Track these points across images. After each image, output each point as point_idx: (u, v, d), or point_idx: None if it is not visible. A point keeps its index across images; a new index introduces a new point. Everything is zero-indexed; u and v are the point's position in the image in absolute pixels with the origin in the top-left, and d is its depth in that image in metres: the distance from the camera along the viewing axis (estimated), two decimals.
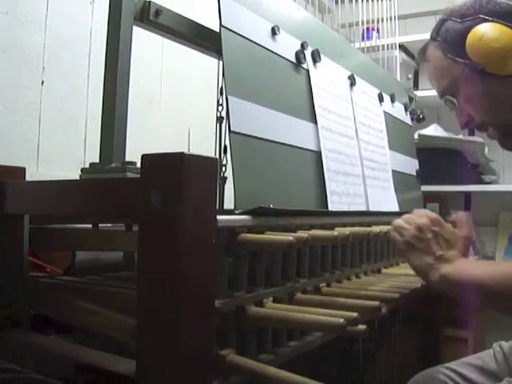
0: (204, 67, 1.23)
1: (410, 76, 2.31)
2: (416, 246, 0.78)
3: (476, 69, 0.81)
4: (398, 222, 0.81)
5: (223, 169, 0.85)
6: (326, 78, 1.06)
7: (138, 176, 0.54)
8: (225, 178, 0.86)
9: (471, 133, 2.31)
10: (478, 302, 0.81)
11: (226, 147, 0.82)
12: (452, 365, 1.00)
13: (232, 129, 0.75)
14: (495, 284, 0.71)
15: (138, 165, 0.54)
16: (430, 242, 0.78)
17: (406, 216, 0.82)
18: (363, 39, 1.76)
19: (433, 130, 2.07)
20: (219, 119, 0.91)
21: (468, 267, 0.76)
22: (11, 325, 0.71)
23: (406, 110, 1.54)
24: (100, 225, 0.79)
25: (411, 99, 1.69)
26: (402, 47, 2.16)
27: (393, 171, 1.30)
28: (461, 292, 0.76)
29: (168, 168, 0.52)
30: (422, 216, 0.81)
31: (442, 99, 0.90)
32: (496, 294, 0.71)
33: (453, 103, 0.88)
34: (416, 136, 1.91)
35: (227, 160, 0.80)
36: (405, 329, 1.18)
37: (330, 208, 0.94)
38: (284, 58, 0.93)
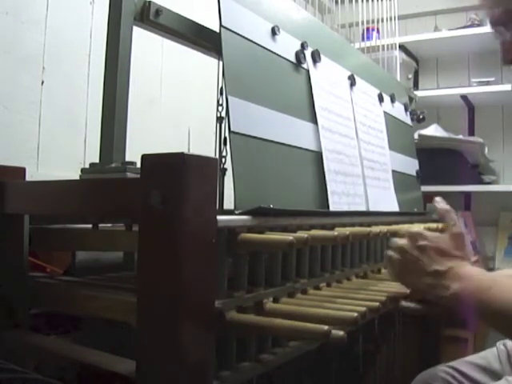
0: (204, 67, 1.23)
1: (410, 76, 2.31)
2: (408, 269, 0.73)
3: None
4: (387, 252, 0.77)
5: (223, 160, 0.85)
6: (326, 78, 1.06)
7: (138, 176, 0.54)
8: (224, 170, 0.86)
9: (471, 133, 2.31)
10: (492, 324, 0.74)
11: (226, 138, 0.83)
12: (455, 364, 0.99)
13: (232, 129, 0.75)
14: None
15: (138, 165, 0.54)
16: (419, 261, 0.72)
17: (391, 241, 0.77)
18: (363, 39, 1.76)
19: (433, 130, 2.08)
20: (219, 119, 0.91)
21: (487, 288, 0.68)
22: (11, 325, 0.71)
23: (406, 110, 1.54)
24: (100, 225, 0.79)
25: (411, 99, 1.69)
26: (402, 47, 2.16)
27: (393, 171, 1.30)
28: (473, 312, 0.70)
29: (168, 168, 0.52)
30: (404, 235, 0.76)
31: (492, 28, 0.84)
32: None
33: (502, 34, 0.82)
34: (416, 136, 1.91)
35: (227, 151, 0.80)
36: (405, 329, 1.18)
37: (331, 208, 0.94)
38: (284, 58, 0.93)
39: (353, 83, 1.17)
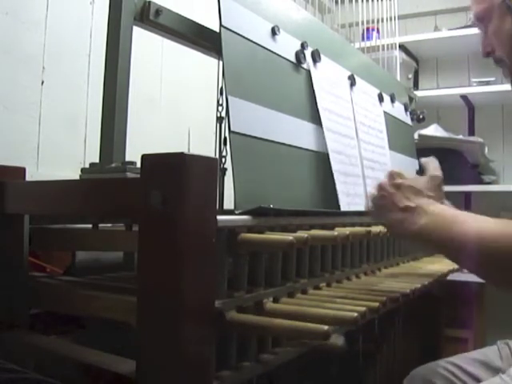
0: (204, 67, 1.23)
1: (410, 76, 2.31)
2: (382, 205, 0.77)
3: (511, 8, 0.78)
4: (370, 191, 0.81)
5: (223, 160, 0.85)
6: (326, 78, 1.06)
7: (138, 176, 0.54)
8: (224, 170, 0.86)
9: (471, 133, 2.31)
10: (459, 257, 0.75)
11: (226, 138, 0.83)
12: (455, 359, 1.00)
13: (232, 129, 0.75)
14: (493, 241, 0.67)
15: (138, 165, 0.54)
16: (392, 197, 0.76)
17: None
18: (363, 39, 1.76)
19: (433, 130, 2.07)
20: (219, 119, 0.91)
21: (448, 222, 0.72)
22: (11, 325, 0.71)
23: (406, 110, 1.54)
24: (100, 225, 0.79)
25: (411, 99, 1.69)
26: (402, 47, 2.16)
27: None
28: (434, 249, 0.74)
29: (168, 168, 0.52)
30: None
31: (476, 23, 0.88)
32: (491, 254, 0.68)
33: (485, 29, 0.86)
34: (416, 136, 1.91)
35: (227, 151, 0.80)
36: (405, 329, 1.18)
37: (342, 209, 0.94)
38: (284, 58, 0.93)
39: (353, 83, 1.17)
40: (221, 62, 0.78)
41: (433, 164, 0.88)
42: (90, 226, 0.79)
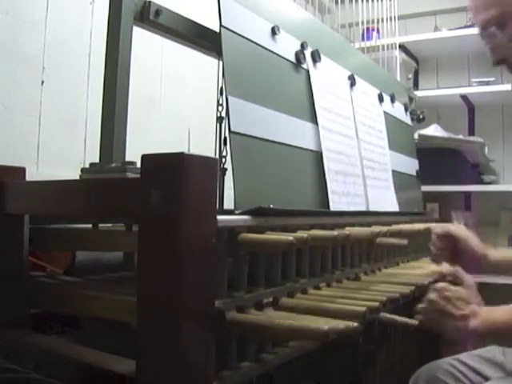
0: (204, 67, 1.23)
1: (410, 76, 2.31)
2: (436, 317, 0.83)
3: None
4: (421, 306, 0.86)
5: (223, 160, 0.85)
6: (326, 78, 1.06)
7: (138, 176, 0.54)
8: (224, 170, 0.86)
9: (471, 133, 2.31)
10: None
11: (226, 138, 0.83)
12: (459, 356, 1.02)
13: (232, 129, 0.75)
14: None
15: (138, 165, 0.54)
16: (446, 309, 0.82)
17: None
18: (363, 39, 1.76)
19: (433, 130, 2.07)
20: (219, 119, 0.91)
21: (492, 316, 0.82)
22: (11, 325, 0.71)
23: (406, 110, 1.54)
24: (100, 225, 0.79)
25: (411, 99, 1.69)
26: (402, 47, 2.16)
27: (393, 171, 1.30)
28: (493, 339, 0.85)
29: (168, 168, 0.52)
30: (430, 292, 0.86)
31: (482, 30, 0.86)
32: None
33: (494, 36, 0.84)
34: (416, 136, 1.91)
35: (227, 151, 0.80)
36: (405, 329, 1.18)
37: (331, 208, 0.94)
38: (284, 58, 0.93)
39: (353, 83, 1.17)
40: (221, 62, 0.78)
41: (464, 275, 0.95)
42: (90, 225, 0.79)
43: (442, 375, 0.98)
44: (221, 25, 0.79)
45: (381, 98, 1.33)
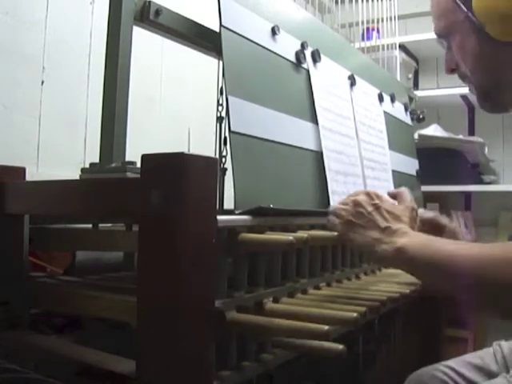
0: (204, 67, 1.23)
1: (410, 76, 2.31)
2: (357, 222, 0.74)
3: (475, 24, 0.76)
4: (334, 205, 0.78)
5: (223, 160, 0.85)
6: (326, 77, 1.06)
7: (138, 176, 0.54)
8: (224, 170, 0.86)
9: (471, 133, 2.31)
10: (441, 283, 0.72)
11: (226, 138, 0.83)
12: (451, 363, 0.99)
13: (232, 129, 0.75)
14: (477, 268, 0.64)
15: (138, 165, 0.54)
16: (372, 216, 0.74)
17: (340, 199, 0.79)
18: (363, 39, 1.76)
19: (433, 130, 2.08)
20: (219, 119, 0.91)
21: (433, 242, 0.71)
22: (11, 325, 0.71)
23: (406, 110, 1.54)
24: (100, 225, 0.79)
25: (411, 99, 1.69)
26: (402, 47, 2.16)
27: (393, 171, 1.30)
28: (417, 269, 0.71)
29: (168, 168, 0.52)
30: (359, 193, 0.78)
31: (437, 39, 0.87)
32: (477, 280, 0.64)
33: (445, 46, 0.85)
34: (416, 136, 1.91)
35: (227, 151, 0.80)
36: (405, 329, 1.18)
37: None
38: (284, 57, 0.93)
39: (353, 83, 1.17)
40: (221, 62, 0.78)
41: (408, 195, 0.87)
42: (90, 226, 0.79)
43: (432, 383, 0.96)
44: (221, 25, 0.79)
45: (381, 98, 1.33)
